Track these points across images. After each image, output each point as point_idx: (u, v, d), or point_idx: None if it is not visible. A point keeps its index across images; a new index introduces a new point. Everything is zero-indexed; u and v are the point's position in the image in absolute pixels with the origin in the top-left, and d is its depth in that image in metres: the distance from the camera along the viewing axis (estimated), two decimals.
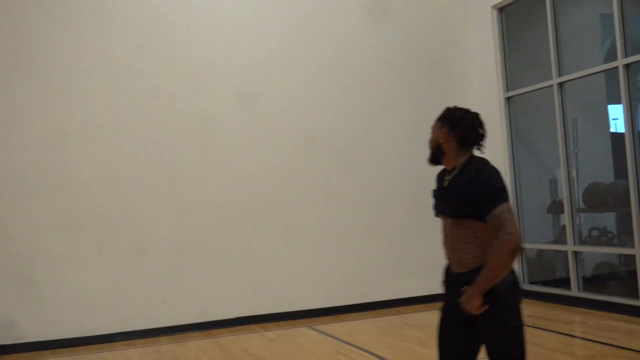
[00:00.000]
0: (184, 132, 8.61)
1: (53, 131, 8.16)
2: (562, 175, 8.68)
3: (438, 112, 10.58)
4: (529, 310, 8.46)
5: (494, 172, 3.18)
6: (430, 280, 9.45)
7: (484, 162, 3.26)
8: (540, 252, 9.57)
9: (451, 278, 3.35)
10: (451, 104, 10.79)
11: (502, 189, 3.13)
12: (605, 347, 6.37)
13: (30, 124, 8.09)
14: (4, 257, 7.92)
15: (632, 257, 7.71)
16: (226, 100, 8.80)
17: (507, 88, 9.49)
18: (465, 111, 3.34)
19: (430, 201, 10.33)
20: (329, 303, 9.04)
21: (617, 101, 8.60)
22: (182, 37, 8.70)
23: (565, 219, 8.62)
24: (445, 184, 3.33)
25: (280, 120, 9.03)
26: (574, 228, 8.58)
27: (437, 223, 9.95)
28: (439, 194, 3.39)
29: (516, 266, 3.27)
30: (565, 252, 8.65)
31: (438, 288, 9.98)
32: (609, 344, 6.44)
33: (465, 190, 3.15)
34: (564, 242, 8.65)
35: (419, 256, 9.46)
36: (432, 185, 10.15)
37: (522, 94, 9.35)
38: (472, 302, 3.07)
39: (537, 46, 9.10)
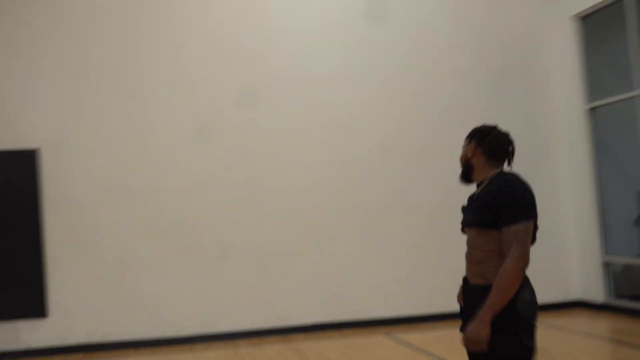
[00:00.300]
0: (265, 140, 8.83)
1: (137, 140, 8.55)
2: None
3: (516, 122, 10.59)
4: (614, 325, 8.24)
5: (523, 187, 3.14)
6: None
7: (514, 176, 3.22)
8: (628, 266, 9.27)
9: (470, 291, 3.25)
10: (530, 115, 10.87)
11: (527, 205, 3.09)
12: None
13: (117, 133, 8.50)
14: (96, 261, 8.32)
15: None
16: (306, 110, 8.98)
17: (590, 99, 9.28)
18: (493, 127, 3.34)
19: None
20: (406, 312, 9.04)
21: None
22: (266, 48, 8.96)
23: None
24: (475, 197, 3.29)
25: (356, 131, 9.11)
26: None
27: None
28: (466, 207, 3.34)
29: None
30: None
31: None
32: None
33: (492, 200, 3.11)
34: None
35: None
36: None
37: (606, 104, 9.13)
38: (479, 332, 2.96)
39: (621, 55, 8.88)
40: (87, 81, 8.50)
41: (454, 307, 3.41)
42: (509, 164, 3.32)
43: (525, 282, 3.07)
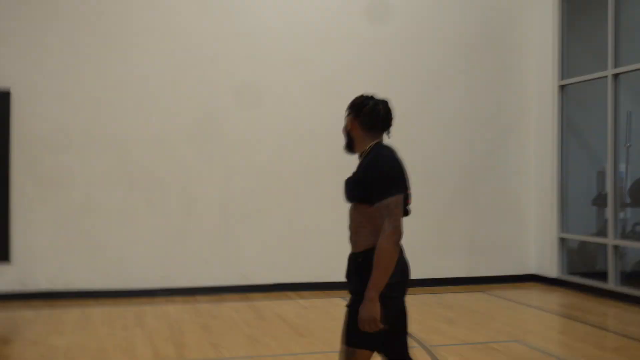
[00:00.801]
0: (235, 97, 8.84)
1: (111, 87, 8.52)
2: (608, 168, 8.62)
3: (492, 90, 10.69)
4: (565, 299, 8.53)
5: (393, 161, 3.23)
6: (468, 262, 9.62)
7: (387, 149, 3.30)
8: (583, 244, 9.54)
9: (349, 258, 3.42)
10: (502, 87, 10.94)
11: (397, 179, 3.18)
12: (634, 342, 6.41)
13: (91, 78, 8.47)
14: (60, 205, 8.36)
15: None
16: (277, 67, 8.98)
17: (562, 76, 9.41)
18: (371, 98, 3.38)
19: (476, 185, 10.39)
20: None
21: None
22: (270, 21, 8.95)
23: (608, 212, 8.59)
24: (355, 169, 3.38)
25: (329, 89, 9.12)
26: (617, 222, 8.54)
27: (479, 207, 10.06)
28: (346, 180, 3.41)
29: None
30: (606, 245, 8.62)
31: (476, 270, 10.09)
32: (635, 338, 6.48)
33: (362, 175, 3.23)
34: (606, 235, 8.62)
35: (458, 238, 9.58)
36: (480, 167, 10.19)
37: (577, 82, 9.27)
38: (370, 310, 3.04)
39: (597, 35, 8.97)
40: (63, 23, 8.41)
41: (413, 275, 3.50)
42: (388, 134, 3.40)
43: (399, 258, 3.19)
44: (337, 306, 8.03)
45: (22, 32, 8.30)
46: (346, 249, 8.84)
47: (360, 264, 3.24)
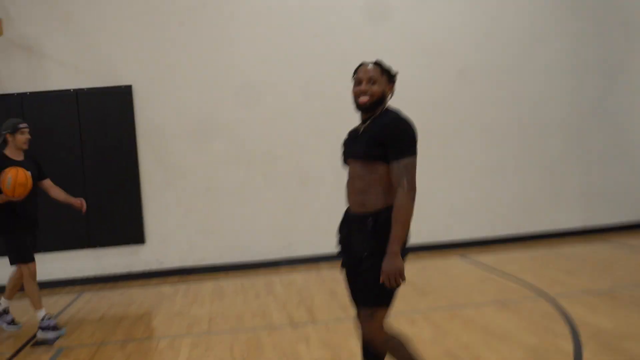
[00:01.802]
0: (341, 70, 9.09)
1: (223, 74, 9.00)
2: None
3: (596, 33, 10.41)
4: None
5: (410, 123, 3.37)
6: (584, 213, 9.59)
7: (399, 112, 3.44)
8: None
9: (352, 219, 3.47)
10: (611, 27, 10.81)
11: (414, 140, 3.33)
12: None
13: (203, 68, 8.97)
14: (185, 188, 8.96)
15: None
16: (385, 34, 9.19)
17: None
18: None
19: (587, 133, 10.24)
20: (481, 234, 9.39)
21: None
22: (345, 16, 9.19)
23: None
24: (361, 130, 3.46)
25: (434, 53, 9.30)
26: None
27: (592, 155, 9.96)
28: (350, 140, 3.54)
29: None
30: None
31: (594, 219, 10.03)
32: None
33: (381, 133, 3.33)
34: None
35: (573, 189, 9.57)
36: (589, 113, 10.08)
37: None
38: (396, 264, 3.15)
39: None
40: (172, 18, 8.95)
41: (529, 229, 3.65)
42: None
43: None
44: (455, 264, 8.30)
45: (139, 34, 8.89)
46: (457, 208, 9.09)
47: (374, 225, 3.31)
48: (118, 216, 8.89)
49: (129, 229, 8.91)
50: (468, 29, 9.37)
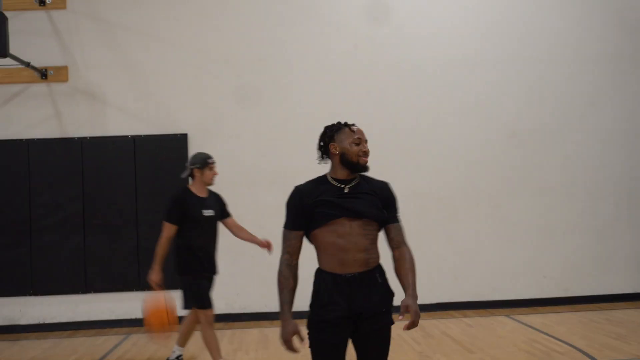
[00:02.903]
0: (398, 133, 9.29)
1: (274, 129, 9.25)
2: None
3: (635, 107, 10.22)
4: None
5: None
6: (635, 277, 9.46)
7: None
8: None
9: (353, 279, 3.46)
10: None
11: None
12: None
13: (256, 121, 9.24)
14: (233, 236, 9.09)
15: None
16: (441, 99, 9.40)
17: None
18: None
19: (637, 196, 10.12)
20: (528, 295, 9.33)
21: None
22: (394, 41, 9.41)
23: None
24: (346, 190, 3.54)
25: (484, 115, 9.43)
26: None
27: (639, 218, 9.77)
28: (339, 198, 3.51)
29: None
30: None
31: None
32: None
33: (382, 195, 3.55)
34: None
35: (624, 253, 9.48)
36: (639, 183, 9.91)
37: None
38: (416, 309, 3.31)
39: None
40: (230, 72, 9.27)
41: (577, 292, 3.75)
42: None
43: None
44: (501, 324, 8.25)
45: (193, 81, 9.22)
46: (505, 267, 9.11)
47: (383, 280, 3.51)
48: (168, 260, 9.05)
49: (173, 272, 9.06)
50: (521, 91, 9.48)
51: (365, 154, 3.58)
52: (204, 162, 6.09)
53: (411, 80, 9.38)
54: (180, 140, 9.14)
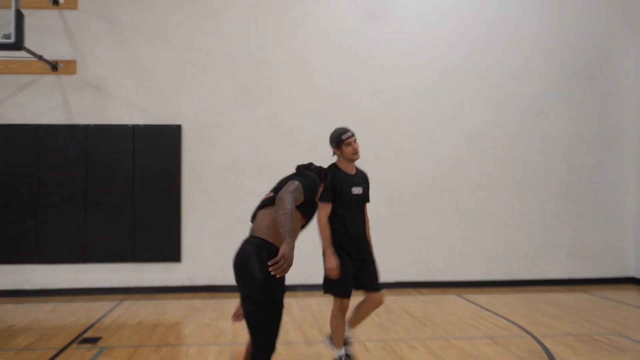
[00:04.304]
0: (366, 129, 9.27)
1: (264, 122, 9.20)
2: None
3: (591, 113, 10.48)
4: None
5: None
6: (570, 265, 9.56)
7: None
8: None
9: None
10: (604, 108, 10.87)
11: None
12: None
13: (248, 116, 9.18)
14: (222, 218, 9.06)
15: None
16: (410, 102, 9.38)
17: None
18: None
19: (578, 197, 10.13)
20: (478, 277, 9.41)
21: None
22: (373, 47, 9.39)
23: None
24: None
25: (448, 120, 9.46)
26: None
27: (581, 216, 9.90)
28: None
29: None
30: None
31: (577, 273, 9.97)
32: None
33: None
34: None
35: (561, 244, 9.57)
36: (582, 180, 9.99)
37: None
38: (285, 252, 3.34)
39: None
40: (225, 71, 9.21)
41: (520, 276, 3.90)
42: None
43: None
44: (453, 301, 8.28)
45: (192, 78, 9.14)
46: (460, 253, 9.12)
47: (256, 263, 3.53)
48: (160, 237, 9.02)
49: (168, 248, 9.02)
50: (480, 98, 9.53)
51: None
52: (338, 139, 4.93)
53: (387, 87, 9.37)
54: (174, 131, 9.06)
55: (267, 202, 3.61)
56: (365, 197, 4.99)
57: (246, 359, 3.71)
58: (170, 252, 9.02)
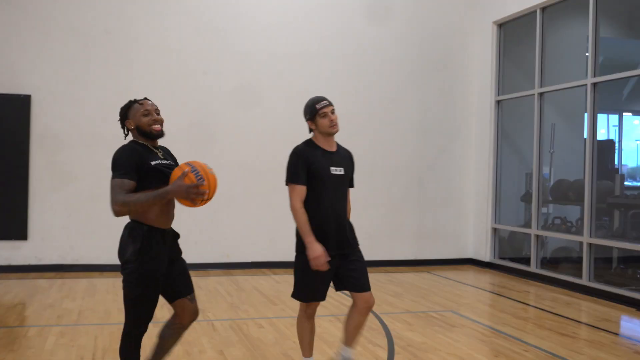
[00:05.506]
0: (228, 103, 9.31)
1: (116, 95, 8.86)
2: (534, 170, 9.23)
3: (439, 104, 11.10)
4: (495, 280, 9.10)
5: None
6: (416, 246, 10.17)
7: None
8: (512, 234, 10.16)
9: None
10: (450, 100, 11.53)
11: None
12: (543, 313, 7.00)
13: (99, 87, 8.89)
14: (71, 192, 8.76)
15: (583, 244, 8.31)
16: (269, 81, 9.48)
17: (498, 93, 10.02)
18: None
19: (425, 181, 10.71)
20: None
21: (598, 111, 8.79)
22: (224, 27, 9.38)
23: (533, 207, 9.20)
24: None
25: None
26: (540, 216, 9.16)
27: (427, 201, 10.48)
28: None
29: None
30: (530, 235, 9.24)
31: (422, 254, 10.53)
32: (547, 311, 7.07)
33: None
34: (530, 227, 9.23)
35: (409, 226, 10.14)
36: (429, 167, 10.60)
37: (510, 99, 9.89)
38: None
39: (527, 60, 9.56)
40: (78, 38, 8.83)
41: (369, 257, 4.27)
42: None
43: None
44: None
45: (41, 46, 8.69)
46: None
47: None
48: (4, 212, 8.56)
49: (13, 225, 8.59)
50: (339, 84, 9.78)
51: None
52: (312, 110, 4.29)
53: (243, 67, 9.43)
54: (23, 100, 8.59)
55: None
56: (347, 180, 4.44)
57: None
58: (15, 228, 8.60)
